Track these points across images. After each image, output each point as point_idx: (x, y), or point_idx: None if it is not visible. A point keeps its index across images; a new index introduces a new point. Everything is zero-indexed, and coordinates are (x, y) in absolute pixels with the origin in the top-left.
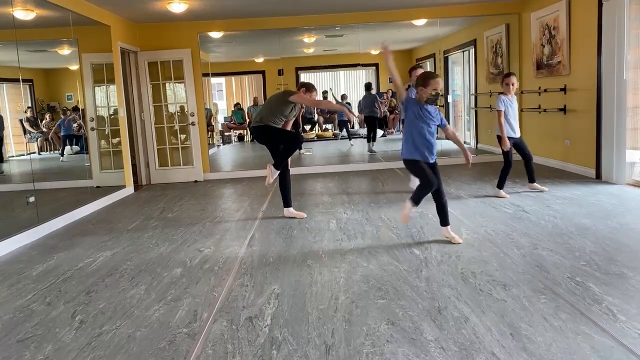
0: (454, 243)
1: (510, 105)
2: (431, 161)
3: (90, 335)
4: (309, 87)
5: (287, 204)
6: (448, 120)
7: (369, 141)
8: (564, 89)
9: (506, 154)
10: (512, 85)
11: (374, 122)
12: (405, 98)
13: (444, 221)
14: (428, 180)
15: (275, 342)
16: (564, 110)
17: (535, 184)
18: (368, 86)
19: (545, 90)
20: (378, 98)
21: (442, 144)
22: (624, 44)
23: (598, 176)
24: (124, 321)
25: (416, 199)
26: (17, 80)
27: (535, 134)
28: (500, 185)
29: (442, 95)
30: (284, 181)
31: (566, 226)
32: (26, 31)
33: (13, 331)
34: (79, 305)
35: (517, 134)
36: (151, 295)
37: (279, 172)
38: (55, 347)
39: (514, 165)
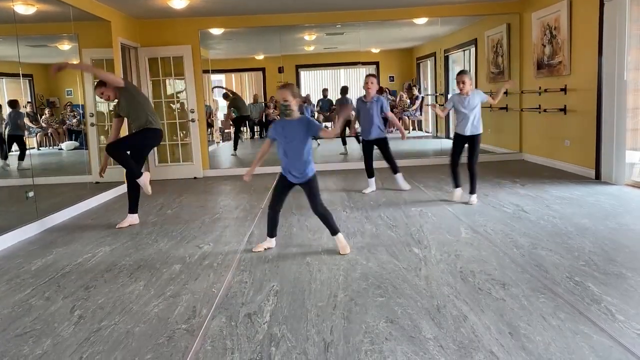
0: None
1: (461, 103)
2: (293, 181)
3: (89, 330)
4: None
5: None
6: (448, 120)
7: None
8: (564, 89)
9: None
10: (463, 83)
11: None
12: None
13: (333, 231)
14: (271, 200)
15: (274, 339)
16: (564, 110)
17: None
18: (344, 90)
19: (545, 90)
20: (350, 102)
21: (443, 143)
22: (625, 44)
23: (597, 176)
24: (123, 317)
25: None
26: (17, 75)
27: (535, 134)
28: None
29: (288, 106)
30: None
31: (565, 226)
32: (26, 26)
33: (11, 326)
34: (78, 300)
35: (468, 133)
36: (150, 291)
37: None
38: (54, 342)
39: (510, 165)
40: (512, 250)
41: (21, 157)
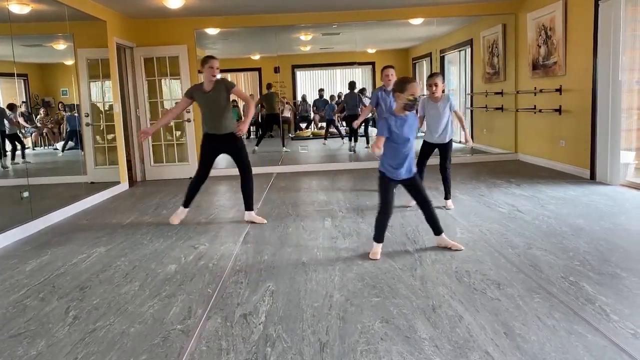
0: (455, 250)
1: (431, 108)
2: (404, 177)
3: (84, 331)
4: (205, 60)
5: (248, 207)
6: None
7: (350, 140)
8: (559, 90)
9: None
10: (435, 86)
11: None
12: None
13: (437, 229)
14: (385, 205)
15: (269, 339)
16: (559, 110)
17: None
18: (352, 85)
19: (540, 91)
20: (361, 97)
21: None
22: (620, 45)
23: (592, 177)
24: (118, 317)
25: (377, 235)
26: (11, 75)
27: (530, 134)
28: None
29: (418, 101)
30: (245, 185)
31: (560, 226)
32: (21, 25)
33: (6, 326)
34: (73, 301)
35: (436, 140)
36: (145, 292)
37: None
38: (49, 343)
39: (505, 165)
40: (507, 250)
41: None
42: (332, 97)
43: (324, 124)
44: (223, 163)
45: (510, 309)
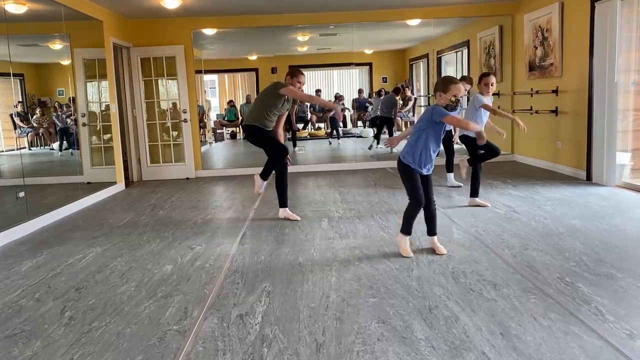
0: (438, 254)
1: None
2: (425, 173)
3: (79, 331)
4: (293, 73)
5: (282, 204)
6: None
7: (376, 141)
8: (555, 91)
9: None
10: (492, 85)
11: (385, 124)
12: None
13: (432, 230)
14: (419, 196)
15: (266, 340)
16: (555, 112)
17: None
18: (380, 91)
19: (537, 92)
20: (396, 101)
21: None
22: (616, 46)
23: (588, 178)
24: (114, 318)
25: (406, 228)
26: (7, 75)
27: (526, 135)
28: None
29: (460, 102)
30: (281, 181)
31: (556, 227)
32: (17, 25)
33: (1, 327)
34: (69, 301)
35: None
36: (141, 292)
37: (266, 181)
38: (44, 343)
39: (501, 166)
40: (504, 250)
41: None
42: (338, 96)
43: (321, 125)
44: (221, 164)
45: (506, 309)
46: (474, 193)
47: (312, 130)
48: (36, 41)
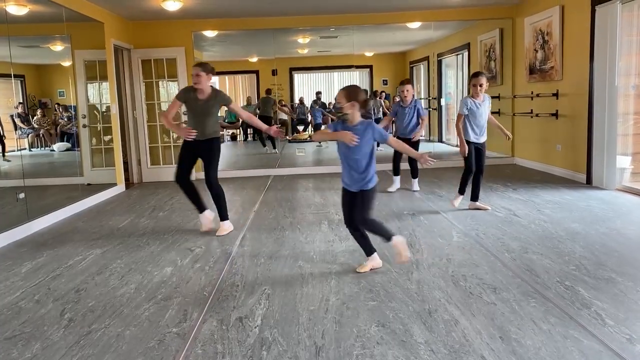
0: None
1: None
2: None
3: (79, 333)
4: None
5: (201, 209)
6: (440, 122)
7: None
8: (556, 94)
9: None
10: (480, 86)
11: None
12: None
13: (475, 196)
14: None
15: (265, 343)
16: (555, 115)
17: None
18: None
19: (537, 95)
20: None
21: (435, 147)
22: (616, 50)
23: (589, 181)
24: (114, 320)
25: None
26: (8, 76)
27: (527, 139)
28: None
29: (347, 114)
30: (190, 189)
31: (556, 230)
32: (19, 26)
33: (1, 329)
34: (68, 303)
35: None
36: (141, 294)
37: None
38: (44, 345)
39: (502, 169)
40: (504, 254)
41: None
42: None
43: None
44: (221, 166)
45: (506, 313)
46: (475, 197)
47: (312, 132)
48: (37, 42)
